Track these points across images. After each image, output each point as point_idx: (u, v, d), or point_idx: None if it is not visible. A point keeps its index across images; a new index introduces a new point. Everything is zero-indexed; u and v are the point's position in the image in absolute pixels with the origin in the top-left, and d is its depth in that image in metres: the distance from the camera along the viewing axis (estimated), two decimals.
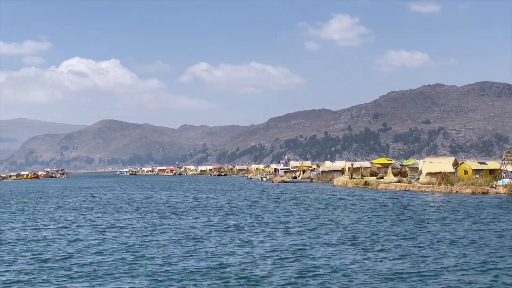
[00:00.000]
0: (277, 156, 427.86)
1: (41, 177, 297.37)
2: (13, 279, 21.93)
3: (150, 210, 52.85)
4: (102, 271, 22.87)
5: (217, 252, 26.89)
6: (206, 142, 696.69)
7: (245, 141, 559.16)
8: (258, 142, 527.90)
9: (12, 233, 36.88)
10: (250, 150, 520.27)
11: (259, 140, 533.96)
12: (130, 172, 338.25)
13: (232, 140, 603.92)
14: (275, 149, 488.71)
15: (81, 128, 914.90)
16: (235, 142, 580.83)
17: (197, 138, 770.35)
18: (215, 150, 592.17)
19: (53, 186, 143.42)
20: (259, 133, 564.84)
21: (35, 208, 60.89)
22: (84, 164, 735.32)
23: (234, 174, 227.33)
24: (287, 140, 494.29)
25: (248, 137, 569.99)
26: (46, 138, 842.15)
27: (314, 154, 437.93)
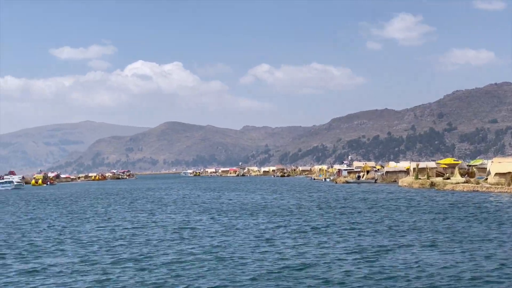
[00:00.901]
0: (340, 156, 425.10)
1: (108, 179, 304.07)
2: (98, 278, 22.41)
3: (220, 211, 53.22)
4: (181, 272, 23.11)
5: (294, 253, 26.80)
6: (268, 143, 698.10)
7: (307, 142, 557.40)
8: (320, 143, 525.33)
9: (91, 233, 37.77)
10: (312, 151, 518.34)
11: (321, 141, 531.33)
12: (194, 174, 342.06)
13: (294, 141, 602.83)
14: (338, 150, 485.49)
15: (146, 130, 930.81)
16: (297, 143, 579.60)
17: (259, 139, 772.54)
18: (277, 151, 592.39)
19: (122, 187, 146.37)
20: (321, 134, 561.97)
21: (110, 208, 62.27)
22: (149, 166, 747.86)
23: (297, 175, 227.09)
24: (350, 141, 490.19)
25: (310, 138, 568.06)
26: (112, 140, 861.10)
27: (377, 155, 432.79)
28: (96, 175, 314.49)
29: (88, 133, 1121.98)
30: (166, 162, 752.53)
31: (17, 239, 35.74)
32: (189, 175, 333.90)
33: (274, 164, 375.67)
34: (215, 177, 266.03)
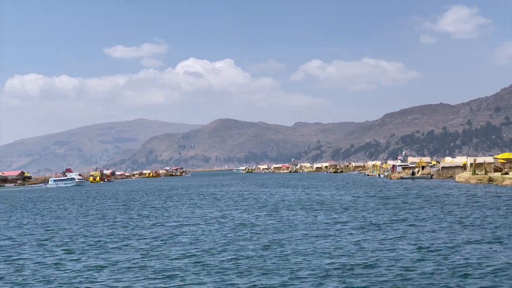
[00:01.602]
0: (393, 152, 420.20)
1: (161, 176, 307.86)
2: (164, 274, 22.58)
3: (278, 207, 53.14)
4: (244, 268, 23.08)
5: (356, 250, 26.52)
6: (320, 139, 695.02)
7: (359, 137, 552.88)
8: (373, 139, 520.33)
9: (153, 229, 38.21)
10: (365, 147, 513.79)
11: (374, 137, 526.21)
12: (246, 170, 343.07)
13: (347, 137, 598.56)
14: (391, 145, 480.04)
15: (198, 127, 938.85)
16: (350, 138, 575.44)
17: (311, 135, 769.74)
18: (329, 147, 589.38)
19: (177, 184, 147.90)
20: (374, 129, 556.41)
21: (168, 204, 63.02)
22: (201, 163, 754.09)
23: (350, 171, 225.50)
24: (403, 136, 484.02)
25: (362, 134, 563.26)
26: (164, 138, 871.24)
27: (432, 150, 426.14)
28: (150, 172, 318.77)
29: (141, 131, 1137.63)
30: (218, 159, 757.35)
31: (84, 235, 36.43)
32: (242, 172, 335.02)
33: (326, 160, 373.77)
34: (267, 174, 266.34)
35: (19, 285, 21.49)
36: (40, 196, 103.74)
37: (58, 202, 79.10)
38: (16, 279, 22.59)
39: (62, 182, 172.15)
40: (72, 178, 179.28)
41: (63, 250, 29.86)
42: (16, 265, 25.89)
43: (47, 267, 25.06)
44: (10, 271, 24.39)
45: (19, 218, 53.06)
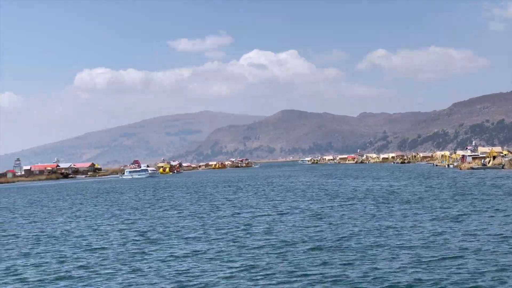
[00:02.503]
0: (461, 142, 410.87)
1: (227, 167, 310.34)
2: (245, 264, 22.62)
3: (350, 198, 52.62)
4: (324, 259, 22.91)
5: (439, 242, 25.94)
6: (386, 129, 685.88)
7: (426, 127, 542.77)
8: (441, 128, 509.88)
9: (229, 219, 38.48)
10: (432, 137, 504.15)
11: (441, 126, 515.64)
12: (312, 161, 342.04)
13: (413, 127, 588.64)
14: (459, 135, 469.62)
15: (262, 118, 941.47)
16: (416, 129, 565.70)
17: (376, 125, 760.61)
18: (395, 137, 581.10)
19: (244, 175, 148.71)
20: (442, 119, 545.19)
21: (238, 195, 63.43)
22: (266, 154, 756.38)
23: (417, 162, 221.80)
24: (472, 126, 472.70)
25: (429, 124, 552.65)
26: (229, 129, 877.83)
27: (502, 140, 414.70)
28: (216, 164, 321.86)
29: (206, 123, 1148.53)
30: (283, 150, 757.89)
31: (162, 224, 37.00)
32: (307, 163, 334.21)
33: (393, 151, 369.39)
34: (333, 165, 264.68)
35: (108, 274, 21.91)
36: (131, 186, 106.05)
37: (149, 191, 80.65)
38: (100, 268, 23.06)
39: (136, 173, 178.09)
40: (145, 169, 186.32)
41: (148, 240, 30.35)
42: (99, 254, 26.47)
43: (132, 256, 25.50)
44: (96, 260, 24.94)
45: (131, 208, 54.37)
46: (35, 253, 27.44)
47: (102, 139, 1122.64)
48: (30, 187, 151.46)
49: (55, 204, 65.76)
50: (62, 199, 74.82)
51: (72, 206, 59.63)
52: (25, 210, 57.61)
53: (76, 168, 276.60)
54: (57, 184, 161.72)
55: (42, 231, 36.61)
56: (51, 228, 38.55)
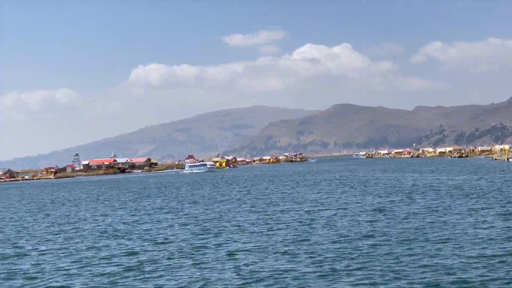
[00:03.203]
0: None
1: (282, 162, 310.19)
2: (311, 257, 22.46)
3: (411, 192, 51.83)
4: (398, 252, 22.57)
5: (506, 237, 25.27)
6: (442, 123, 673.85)
7: (484, 121, 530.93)
8: (499, 122, 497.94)
9: (289, 214, 38.39)
10: (491, 130, 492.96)
11: (500, 120, 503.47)
12: (366, 155, 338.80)
13: (471, 121, 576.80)
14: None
15: (315, 113, 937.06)
16: (474, 122, 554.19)
17: (432, 119, 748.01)
18: (452, 131, 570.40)
19: (300, 169, 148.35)
20: (500, 112, 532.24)
21: (304, 190, 63.28)
22: (320, 148, 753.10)
23: (475, 156, 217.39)
24: None
25: (488, 117, 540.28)
26: (282, 124, 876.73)
27: None
28: (270, 158, 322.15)
29: (259, 117, 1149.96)
30: (337, 145, 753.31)
31: (224, 218, 37.17)
32: (362, 157, 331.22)
33: (449, 145, 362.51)
34: (389, 159, 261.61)
35: (174, 267, 22.08)
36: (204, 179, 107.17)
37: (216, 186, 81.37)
38: (166, 261, 23.25)
39: (196, 168, 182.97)
40: (204, 164, 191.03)
41: (212, 233, 30.50)
42: (164, 247, 26.71)
43: (196, 250, 25.63)
44: (162, 253, 25.16)
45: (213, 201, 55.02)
46: (102, 246, 27.87)
47: (156, 134, 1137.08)
48: (90, 181, 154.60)
49: (117, 198, 66.88)
50: (122, 193, 76.08)
51: (136, 200, 60.51)
52: (88, 204, 58.75)
53: (132, 163, 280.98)
54: (115, 179, 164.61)
55: (107, 225, 37.21)
56: (115, 221, 39.15)
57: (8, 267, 23.57)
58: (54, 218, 44.59)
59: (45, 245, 29.16)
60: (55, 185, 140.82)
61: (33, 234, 34.47)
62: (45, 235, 33.35)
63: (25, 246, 29.48)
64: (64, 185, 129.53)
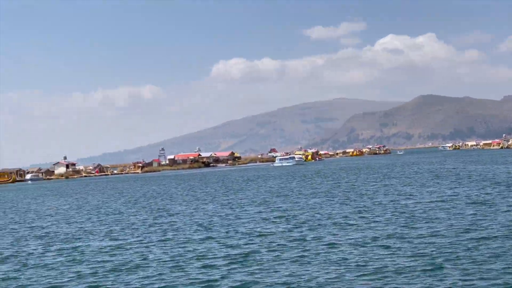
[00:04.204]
0: None
1: (365, 154, 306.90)
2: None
3: (508, 184, 49.89)
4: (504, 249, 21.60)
5: None
6: None
7: None
8: None
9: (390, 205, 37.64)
10: None
11: None
12: (453, 147, 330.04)
13: None
14: None
15: (399, 104, 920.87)
16: None
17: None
18: None
19: (383, 162, 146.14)
20: None
21: (397, 182, 62.21)
22: (403, 141, 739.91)
23: None
24: None
25: None
26: (365, 116, 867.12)
27: None
28: (354, 151, 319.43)
29: (341, 110, 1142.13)
30: (421, 136, 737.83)
31: (317, 212, 36.82)
32: (448, 149, 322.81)
33: None
34: (477, 150, 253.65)
35: (273, 260, 21.93)
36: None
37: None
38: (265, 254, 23.10)
39: (285, 160, 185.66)
40: (292, 157, 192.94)
41: (307, 226, 30.24)
42: (261, 240, 26.62)
43: (293, 243, 25.41)
44: (259, 246, 25.07)
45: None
46: (199, 239, 28.03)
47: (238, 129, 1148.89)
48: (176, 175, 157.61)
49: (206, 190, 67.70)
50: (212, 187, 76.98)
51: (226, 193, 61.04)
52: (179, 197, 59.67)
53: (216, 157, 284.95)
54: (200, 173, 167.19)
55: (201, 218, 37.52)
56: (210, 214, 39.45)
57: (115, 258, 24.03)
58: (149, 211, 45.43)
59: (146, 237, 29.62)
60: (143, 179, 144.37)
61: (132, 226, 35.14)
62: (144, 228, 33.93)
63: (128, 238, 30.02)
64: (153, 179, 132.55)
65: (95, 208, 52.10)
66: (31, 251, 27.67)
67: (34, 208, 59.38)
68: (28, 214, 51.29)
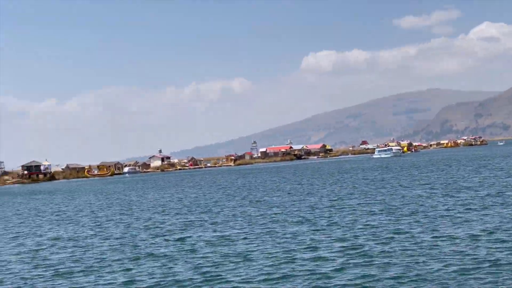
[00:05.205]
0: None
1: (460, 146, 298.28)
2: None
3: None
4: None
5: None
6: None
7: None
8: None
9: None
10: None
11: None
12: None
13: None
14: None
15: (495, 94, 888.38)
16: None
17: None
18: None
19: (482, 153, 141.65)
20: None
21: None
22: (500, 131, 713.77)
23: None
24: None
25: None
26: (459, 107, 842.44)
27: None
28: (448, 142, 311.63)
29: (433, 101, 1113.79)
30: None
31: (420, 205, 35.98)
32: None
33: None
34: None
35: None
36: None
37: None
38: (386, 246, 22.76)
39: (383, 152, 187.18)
40: (390, 148, 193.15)
41: (414, 220, 29.61)
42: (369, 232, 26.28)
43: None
44: (375, 240, 24.73)
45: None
46: (305, 231, 27.96)
47: (328, 121, 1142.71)
48: (269, 167, 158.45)
49: (303, 182, 67.65)
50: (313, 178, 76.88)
51: (324, 185, 60.81)
52: (277, 189, 59.86)
53: (308, 150, 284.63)
54: (293, 165, 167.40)
55: (301, 210, 37.40)
56: (309, 206, 39.31)
57: (223, 250, 24.34)
58: (248, 202, 45.80)
59: (250, 229, 29.80)
60: (237, 171, 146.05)
61: (235, 218, 35.46)
62: (247, 219, 34.14)
63: (232, 230, 30.31)
64: (249, 172, 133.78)
65: (195, 200, 53.03)
66: (141, 241, 28.44)
67: (136, 199, 61.17)
68: (132, 205, 52.84)
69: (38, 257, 26.09)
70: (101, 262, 23.41)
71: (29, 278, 21.56)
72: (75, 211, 51.60)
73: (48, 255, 26.61)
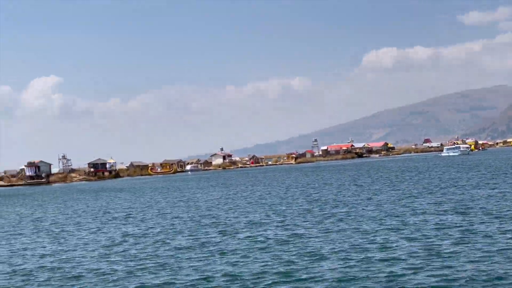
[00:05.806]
0: None
1: None
2: None
3: None
4: None
5: None
6: None
7: None
8: None
9: None
10: None
11: None
12: None
13: None
14: None
15: None
16: None
17: None
18: None
19: None
20: None
21: None
22: None
23: None
24: None
25: None
26: None
27: None
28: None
29: (500, 98, 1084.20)
30: None
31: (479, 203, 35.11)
32: None
33: None
34: None
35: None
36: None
37: None
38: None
39: (451, 150, 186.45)
40: (458, 147, 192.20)
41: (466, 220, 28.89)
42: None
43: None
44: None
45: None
46: (377, 230, 27.67)
47: (390, 119, 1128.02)
48: (331, 165, 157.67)
49: (369, 181, 67.03)
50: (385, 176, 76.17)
51: (391, 186, 60.10)
52: (344, 187, 59.50)
53: (369, 148, 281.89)
54: (354, 163, 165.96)
55: (371, 209, 37.00)
56: (379, 205, 38.87)
57: (295, 248, 24.32)
58: (314, 200, 45.66)
59: (321, 227, 29.68)
60: (300, 169, 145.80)
61: (303, 215, 35.32)
62: (316, 217, 34.03)
63: (302, 227, 30.26)
64: (312, 170, 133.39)
65: (260, 198, 53.17)
66: (211, 238, 28.67)
67: (200, 197, 61.83)
68: (198, 203, 53.40)
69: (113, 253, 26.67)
70: (173, 259, 23.70)
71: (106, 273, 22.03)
72: (143, 208, 52.54)
73: (121, 250, 27.16)
